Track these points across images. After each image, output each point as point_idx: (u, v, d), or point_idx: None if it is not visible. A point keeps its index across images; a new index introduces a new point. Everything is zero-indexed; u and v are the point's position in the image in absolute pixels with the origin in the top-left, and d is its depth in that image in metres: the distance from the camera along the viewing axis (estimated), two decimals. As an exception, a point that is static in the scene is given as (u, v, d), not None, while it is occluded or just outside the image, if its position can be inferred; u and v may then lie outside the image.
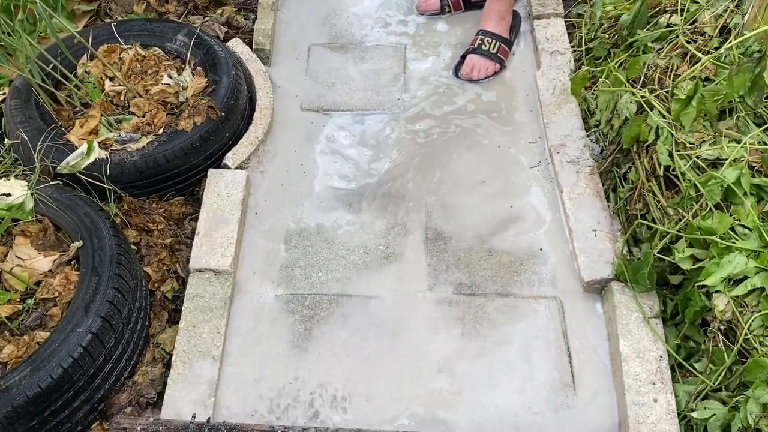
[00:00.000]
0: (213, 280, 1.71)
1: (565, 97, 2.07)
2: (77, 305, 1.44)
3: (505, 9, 2.26)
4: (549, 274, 1.75)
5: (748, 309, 1.38)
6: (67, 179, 1.75)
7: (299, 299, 1.73)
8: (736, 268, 1.38)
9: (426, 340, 1.65)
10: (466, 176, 1.97)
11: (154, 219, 1.83)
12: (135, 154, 1.79)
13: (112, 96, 1.96)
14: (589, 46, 2.18)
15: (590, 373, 1.58)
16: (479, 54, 2.22)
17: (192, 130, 1.85)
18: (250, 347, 1.65)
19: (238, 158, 1.95)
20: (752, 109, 1.60)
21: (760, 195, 1.50)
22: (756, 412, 1.29)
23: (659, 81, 1.73)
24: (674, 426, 1.42)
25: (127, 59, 2.02)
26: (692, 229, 1.47)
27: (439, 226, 1.86)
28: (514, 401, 1.55)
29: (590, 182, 1.86)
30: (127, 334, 1.53)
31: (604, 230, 1.75)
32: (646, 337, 1.55)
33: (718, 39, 1.79)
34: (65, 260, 1.57)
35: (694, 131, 1.60)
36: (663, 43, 1.85)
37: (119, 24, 2.10)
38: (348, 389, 1.58)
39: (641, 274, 1.56)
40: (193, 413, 1.47)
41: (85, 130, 1.86)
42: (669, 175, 1.61)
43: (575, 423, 1.51)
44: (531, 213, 1.88)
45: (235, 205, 1.83)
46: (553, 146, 1.96)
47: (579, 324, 1.66)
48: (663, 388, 1.47)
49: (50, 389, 1.35)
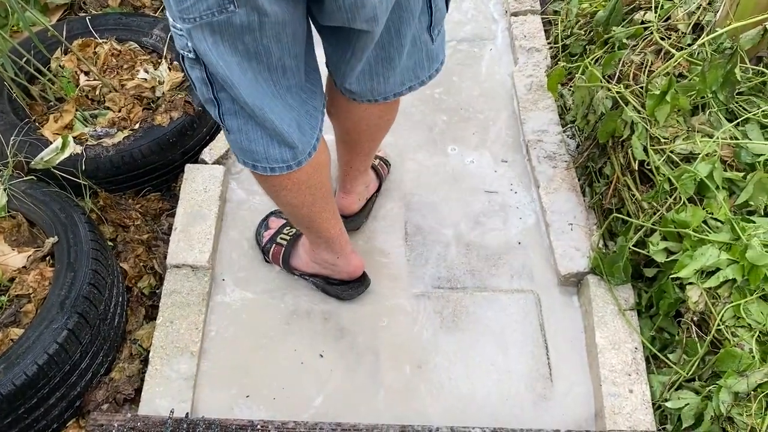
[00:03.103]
0: (190, 275, 1.69)
1: (542, 94, 2.09)
2: (52, 301, 1.42)
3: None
4: (526, 268, 1.77)
5: (721, 300, 1.40)
6: (41, 174, 1.73)
7: (278, 295, 1.72)
8: (708, 260, 1.41)
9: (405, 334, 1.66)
10: (443, 171, 1.98)
11: (130, 215, 1.82)
12: (111, 150, 1.78)
13: (87, 91, 1.94)
14: (565, 43, 2.21)
15: (567, 365, 1.60)
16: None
17: (168, 125, 1.83)
18: (228, 343, 1.64)
19: (215, 153, 1.94)
20: (724, 105, 1.62)
21: (731, 189, 1.53)
22: (728, 401, 1.31)
23: (634, 77, 1.75)
24: (649, 416, 1.44)
25: (102, 54, 2.00)
26: (666, 222, 1.49)
27: (418, 220, 1.87)
28: (493, 393, 1.56)
29: (566, 177, 1.88)
30: (104, 330, 1.52)
31: (580, 224, 1.77)
32: (621, 329, 1.57)
33: (691, 36, 1.82)
34: (40, 256, 1.55)
35: (668, 126, 1.62)
36: (638, 40, 1.87)
37: (94, 18, 2.08)
38: (327, 383, 1.58)
39: (616, 267, 1.58)
40: (171, 409, 1.46)
41: (60, 125, 1.84)
42: (644, 170, 1.63)
43: (553, 414, 1.53)
44: (508, 208, 1.89)
45: (212, 201, 1.82)
46: (530, 141, 1.98)
47: (556, 317, 1.68)
48: (638, 379, 1.49)
49: (25, 387, 1.33)
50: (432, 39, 1.25)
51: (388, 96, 1.34)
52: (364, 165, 1.68)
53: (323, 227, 1.50)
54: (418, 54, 1.27)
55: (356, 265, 1.64)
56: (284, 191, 1.34)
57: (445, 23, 1.31)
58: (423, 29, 1.22)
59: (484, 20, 2.43)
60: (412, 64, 1.28)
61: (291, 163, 1.25)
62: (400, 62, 1.25)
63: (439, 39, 1.29)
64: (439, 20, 1.25)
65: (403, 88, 1.33)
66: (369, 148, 1.59)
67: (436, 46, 1.29)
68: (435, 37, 1.26)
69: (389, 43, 1.19)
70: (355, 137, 1.52)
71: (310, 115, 1.25)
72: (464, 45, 2.35)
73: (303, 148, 1.25)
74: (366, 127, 1.47)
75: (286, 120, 1.19)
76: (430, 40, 1.25)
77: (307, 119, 1.24)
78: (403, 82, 1.32)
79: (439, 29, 1.27)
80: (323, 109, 1.31)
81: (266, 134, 1.19)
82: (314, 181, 1.35)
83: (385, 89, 1.32)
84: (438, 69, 1.35)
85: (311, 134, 1.26)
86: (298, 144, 1.23)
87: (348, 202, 1.77)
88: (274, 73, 1.12)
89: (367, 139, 1.54)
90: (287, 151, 1.23)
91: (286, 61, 1.11)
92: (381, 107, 1.40)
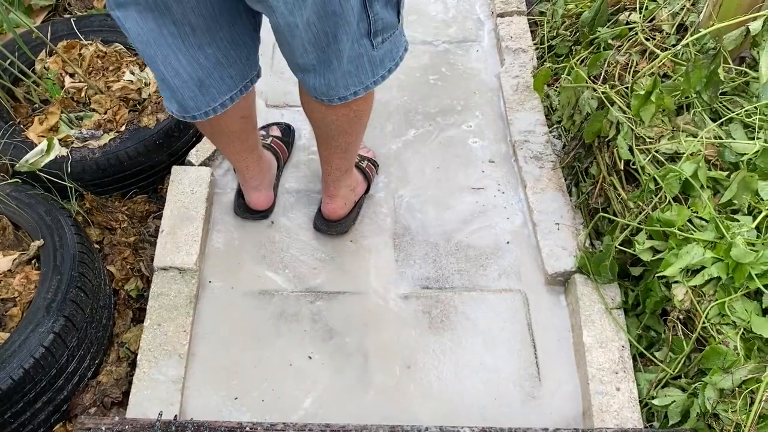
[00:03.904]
0: (178, 278, 1.69)
1: (528, 94, 2.10)
2: (38, 305, 1.41)
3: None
4: (514, 268, 1.77)
5: (706, 298, 1.41)
6: (26, 177, 1.72)
7: (266, 297, 1.72)
8: (693, 258, 1.42)
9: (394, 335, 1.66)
10: (430, 172, 1.99)
11: (117, 217, 1.81)
12: (97, 152, 1.77)
13: (73, 93, 1.92)
14: (551, 44, 2.22)
15: (555, 364, 1.61)
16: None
17: (155, 126, 1.83)
18: (216, 345, 1.64)
19: (202, 155, 1.94)
20: (708, 105, 1.64)
21: (715, 188, 1.54)
22: (713, 398, 1.32)
23: (619, 77, 1.77)
24: (636, 413, 1.45)
25: (87, 55, 1.99)
26: (652, 221, 1.50)
27: (407, 220, 1.87)
28: (481, 393, 1.57)
29: (553, 177, 1.89)
30: (91, 333, 1.51)
31: (566, 224, 1.78)
32: (608, 327, 1.58)
33: (675, 36, 1.84)
34: (25, 259, 1.53)
35: (653, 126, 1.64)
36: (623, 40, 1.89)
37: (79, 19, 2.06)
38: (316, 384, 1.58)
39: (603, 266, 1.60)
40: (159, 412, 1.45)
41: (45, 127, 1.83)
42: (629, 169, 1.64)
43: (541, 413, 1.54)
44: (496, 208, 1.90)
45: (199, 203, 1.81)
46: (517, 142, 1.99)
47: (543, 316, 1.69)
48: (625, 377, 1.50)
49: (11, 391, 1.32)
50: (373, 46, 1.27)
51: (332, 99, 1.36)
52: (345, 163, 1.67)
53: (230, 158, 1.70)
54: (359, 59, 1.29)
55: (253, 202, 1.82)
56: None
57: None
58: (362, 35, 1.24)
59: (470, 21, 2.44)
60: (354, 69, 1.30)
61: (182, 115, 1.38)
62: (340, 66, 1.27)
63: (385, 46, 1.30)
64: (382, 29, 1.26)
65: (347, 92, 1.35)
66: (345, 143, 1.58)
67: (380, 53, 1.30)
68: (377, 44, 1.28)
69: (327, 46, 1.22)
70: (326, 131, 1.53)
71: (222, 80, 1.35)
72: (451, 46, 2.36)
73: (196, 105, 1.36)
74: (331, 122, 1.48)
75: (184, 75, 1.29)
76: (370, 46, 1.27)
77: (216, 81, 1.34)
78: (347, 87, 1.33)
79: (384, 38, 1.28)
80: (246, 83, 1.42)
81: (158, 79, 1.33)
82: (218, 140, 1.58)
83: (328, 92, 1.34)
84: (384, 76, 1.36)
85: (215, 96, 1.36)
86: (189, 100, 1.34)
87: (333, 207, 1.77)
88: (181, 29, 1.21)
89: (337, 133, 1.53)
90: (174, 104, 1.36)
91: (191, 19, 1.20)
92: (339, 108, 1.41)
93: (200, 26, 1.22)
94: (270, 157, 1.88)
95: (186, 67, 1.28)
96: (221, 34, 1.27)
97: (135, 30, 1.21)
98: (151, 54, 1.25)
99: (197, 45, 1.26)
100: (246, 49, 1.35)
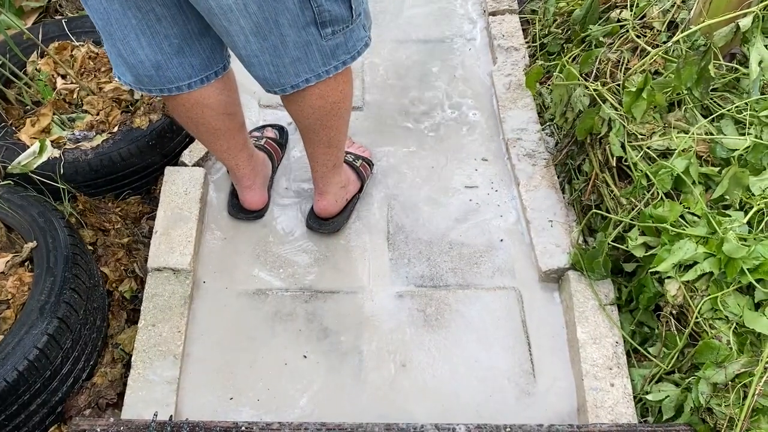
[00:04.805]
0: (172, 278, 1.69)
1: (521, 92, 2.11)
2: (32, 307, 1.41)
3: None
4: (508, 265, 1.78)
5: (698, 293, 1.42)
6: (18, 179, 1.71)
7: (261, 297, 1.72)
8: (686, 254, 1.43)
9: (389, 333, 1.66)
10: (424, 170, 1.99)
11: (110, 218, 1.80)
12: (89, 153, 1.76)
13: (65, 94, 1.92)
14: (543, 42, 2.23)
15: (549, 361, 1.61)
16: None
17: (147, 127, 1.82)
18: (211, 345, 1.64)
19: (195, 155, 1.93)
20: (699, 101, 1.65)
21: (707, 184, 1.55)
22: (707, 392, 1.33)
23: (611, 74, 1.77)
24: (630, 409, 1.46)
25: (79, 57, 1.98)
26: (644, 217, 1.51)
27: (400, 219, 1.87)
28: (476, 390, 1.57)
29: (546, 174, 1.89)
30: (85, 335, 1.50)
31: (559, 221, 1.79)
32: (602, 324, 1.58)
33: (666, 33, 1.85)
34: (18, 261, 1.53)
35: (644, 123, 1.64)
36: (614, 38, 1.90)
37: (70, 21, 2.06)
38: (312, 383, 1.58)
39: (596, 262, 1.60)
40: (154, 412, 1.45)
41: (37, 128, 1.82)
42: (621, 166, 1.65)
43: (536, 409, 1.54)
44: (489, 206, 1.90)
45: (193, 203, 1.81)
46: (510, 140, 1.99)
47: (537, 313, 1.69)
48: (619, 373, 1.51)
49: (5, 393, 1.32)
50: (321, 35, 1.28)
51: (285, 88, 1.37)
52: (331, 159, 1.66)
53: (219, 157, 1.71)
54: (307, 47, 1.30)
55: (247, 202, 1.83)
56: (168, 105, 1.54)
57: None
58: (307, 23, 1.25)
59: (462, 20, 2.45)
60: (303, 56, 1.31)
61: (138, 87, 1.42)
62: (286, 52, 1.29)
63: (337, 38, 1.31)
64: (330, 21, 1.27)
65: (298, 80, 1.36)
66: (327, 138, 1.57)
67: (330, 45, 1.31)
68: (326, 35, 1.29)
69: (270, 33, 1.24)
70: (306, 124, 1.53)
71: (182, 67, 1.38)
72: (443, 45, 2.36)
73: (152, 82, 1.39)
74: (308, 115, 1.48)
75: (141, 56, 1.33)
76: (318, 36, 1.28)
77: (174, 67, 1.38)
78: (297, 74, 1.34)
79: (335, 30, 1.29)
80: (208, 74, 1.44)
81: (112, 53, 1.36)
82: (203, 137, 1.61)
83: (279, 80, 1.35)
84: (337, 66, 1.37)
85: (171, 80, 1.40)
86: (144, 77, 1.38)
87: (324, 204, 1.77)
88: (146, 15, 1.25)
89: (318, 126, 1.53)
90: (129, 77, 1.39)
91: (155, 8, 1.25)
92: (312, 99, 1.42)
93: (166, 16, 1.26)
94: (264, 157, 1.88)
95: (146, 49, 1.32)
96: (190, 26, 1.31)
97: (96, 5, 1.24)
98: (110, 31, 1.29)
99: (163, 34, 1.30)
100: (211, 40, 1.38)
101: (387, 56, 2.32)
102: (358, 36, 1.36)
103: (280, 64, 1.31)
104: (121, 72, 1.40)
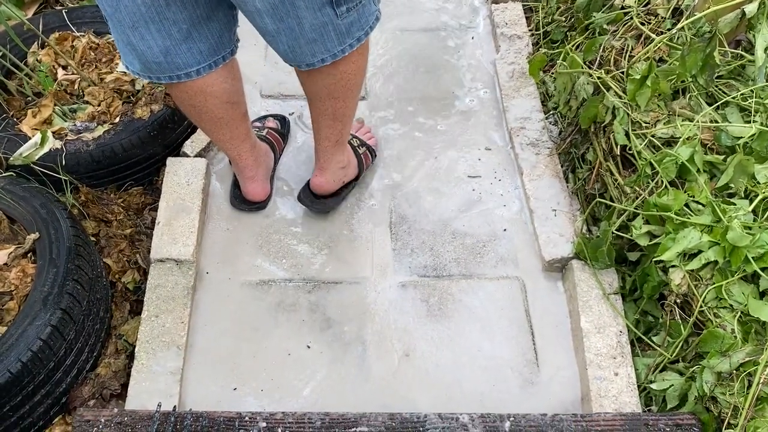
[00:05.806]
0: (175, 269, 1.68)
1: (524, 81, 2.09)
2: (35, 298, 1.41)
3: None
4: (511, 255, 1.77)
5: (703, 282, 1.42)
6: (20, 170, 1.71)
7: (264, 287, 1.72)
8: (690, 242, 1.42)
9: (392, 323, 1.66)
10: (427, 160, 1.98)
11: (112, 209, 1.80)
12: (91, 144, 1.76)
13: (66, 85, 1.91)
14: (546, 30, 2.21)
15: (553, 350, 1.61)
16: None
17: (149, 118, 1.82)
18: (214, 336, 1.64)
19: (197, 146, 1.93)
20: (704, 89, 1.64)
21: (712, 172, 1.54)
22: (711, 381, 1.33)
23: (615, 62, 1.76)
24: (634, 398, 1.46)
25: (80, 47, 1.97)
26: (648, 206, 1.50)
27: (403, 209, 1.87)
28: (480, 380, 1.57)
29: (549, 163, 1.88)
30: (88, 326, 1.51)
31: (563, 210, 1.78)
32: (606, 313, 1.58)
33: (670, 20, 1.83)
34: (21, 253, 1.53)
35: (649, 111, 1.63)
36: (618, 25, 1.88)
37: (71, 11, 2.05)
38: (315, 373, 1.58)
39: (600, 251, 1.59)
40: (158, 403, 1.45)
41: (38, 120, 1.82)
42: (626, 155, 1.64)
43: (539, 398, 1.54)
44: (492, 195, 1.90)
45: (195, 194, 1.81)
46: (513, 129, 1.98)
47: (541, 302, 1.69)
48: (623, 362, 1.51)
49: (9, 384, 1.32)
50: (337, 15, 1.30)
51: (300, 65, 1.41)
52: (335, 134, 1.66)
53: (221, 147, 1.72)
54: (323, 28, 1.32)
55: (251, 193, 1.82)
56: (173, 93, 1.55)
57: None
58: (323, 4, 1.27)
59: (465, 8, 2.43)
60: (319, 37, 1.33)
61: (146, 75, 1.43)
62: (303, 34, 1.31)
63: (351, 15, 1.33)
64: None
65: (314, 59, 1.39)
66: (332, 109, 1.57)
67: (345, 23, 1.33)
68: (341, 13, 1.31)
69: (286, 15, 1.26)
70: (314, 90, 1.54)
71: (191, 53, 1.39)
72: (445, 33, 2.34)
73: (160, 69, 1.40)
74: (316, 82, 1.50)
75: (150, 42, 1.34)
76: (334, 15, 1.30)
77: (183, 53, 1.38)
78: (313, 54, 1.37)
79: (349, 7, 1.31)
80: (217, 59, 1.45)
81: (121, 41, 1.37)
82: (206, 126, 1.63)
83: (295, 58, 1.39)
84: (352, 44, 1.39)
85: (180, 66, 1.41)
86: (152, 64, 1.39)
87: (321, 181, 1.78)
88: (155, 1, 1.26)
89: (325, 95, 1.53)
90: (138, 65, 1.40)
91: None
92: (324, 69, 1.43)
93: (175, 1, 1.28)
94: (266, 148, 1.87)
95: (155, 35, 1.32)
96: (198, 11, 1.33)
97: None
98: (119, 18, 1.29)
99: (172, 19, 1.30)
100: (219, 25, 1.39)
101: (389, 45, 2.31)
102: (369, 10, 1.38)
103: (296, 45, 1.34)
104: (129, 61, 1.41)
